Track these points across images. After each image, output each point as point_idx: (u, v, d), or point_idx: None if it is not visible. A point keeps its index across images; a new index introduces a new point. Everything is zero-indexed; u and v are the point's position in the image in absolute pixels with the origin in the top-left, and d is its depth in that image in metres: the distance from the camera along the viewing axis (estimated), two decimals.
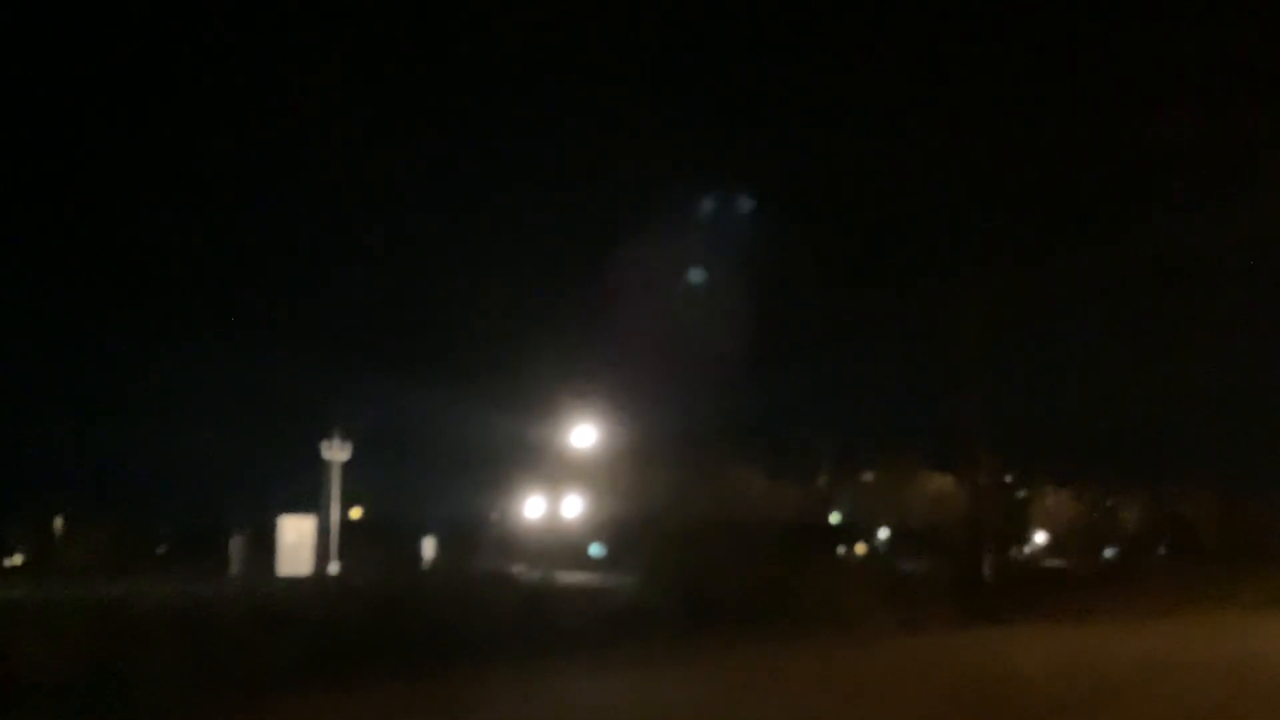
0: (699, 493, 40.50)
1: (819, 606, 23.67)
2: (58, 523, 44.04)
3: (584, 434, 42.08)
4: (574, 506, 43.58)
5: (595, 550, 43.45)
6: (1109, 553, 57.16)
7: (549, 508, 43.77)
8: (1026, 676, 16.75)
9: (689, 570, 25.04)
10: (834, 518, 53.37)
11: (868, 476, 55.62)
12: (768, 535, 32.21)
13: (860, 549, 51.59)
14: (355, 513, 43.67)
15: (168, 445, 47.84)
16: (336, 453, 42.21)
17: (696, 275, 41.51)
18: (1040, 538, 58.46)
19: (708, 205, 40.66)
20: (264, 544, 41.51)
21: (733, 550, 26.99)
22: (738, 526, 32.42)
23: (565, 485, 43.17)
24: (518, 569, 33.98)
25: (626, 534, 39.73)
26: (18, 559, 44.16)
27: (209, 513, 44.26)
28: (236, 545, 41.80)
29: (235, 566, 41.00)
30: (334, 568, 40.72)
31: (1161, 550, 55.87)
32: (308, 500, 42.56)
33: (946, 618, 24.31)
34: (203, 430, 46.83)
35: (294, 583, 35.50)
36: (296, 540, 41.66)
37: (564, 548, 40.87)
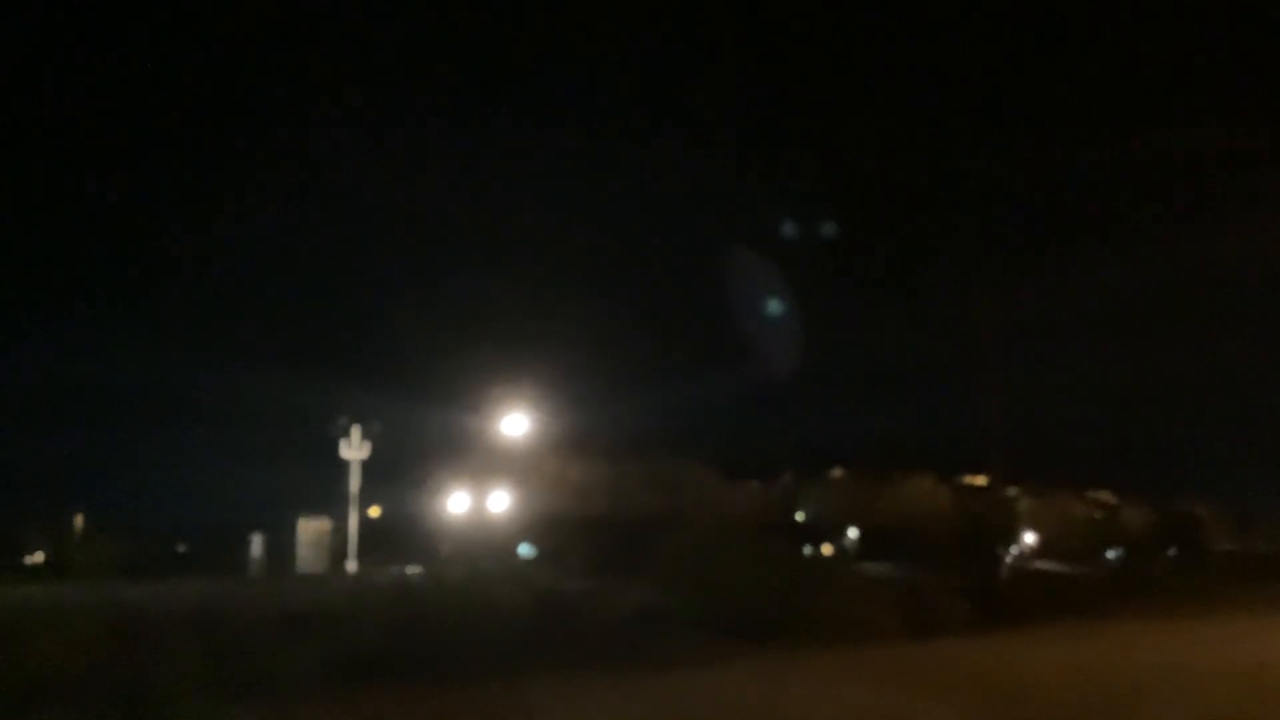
0: (648, 490, 37.78)
1: (829, 610, 23.24)
2: (78, 521, 43.74)
3: (515, 422, 38.96)
4: (501, 502, 39.43)
5: (524, 550, 38.86)
6: (1112, 555, 56.00)
7: (474, 503, 39.81)
8: (1050, 680, 16.51)
9: (704, 576, 24.58)
10: (798, 516, 49.75)
11: (836, 474, 52.44)
12: (730, 535, 30.57)
13: (826, 549, 48.11)
14: (374, 511, 43.26)
15: (187, 444, 47.72)
16: (354, 452, 41.82)
17: (775, 306, 39.90)
18: (1029, 538, 56.17)
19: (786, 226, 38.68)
20: (282, 543, 41.31)
21: (701, 550, 26.25)
22: (696, 525, 30.83)
23: (493, 478, 39.25)
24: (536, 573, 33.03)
25: (561, 532, 36.13)
26: (38, 556, 43.90)
27: (228, 512, 44.00)
28: (255, 544, 41.59)
29: (254, 566, 40.81)
30: (351, 566, 40.39)
31: (1171, 553, 54.71)
32: (326, 498, 42.28)
33: (961, 621, 24.00)
34: (221, 429, 46.66)
35: (313, 582, 35.25)
36: (314, 540, 41.46)
37: (489, 546, 37.21)
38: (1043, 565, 44.55)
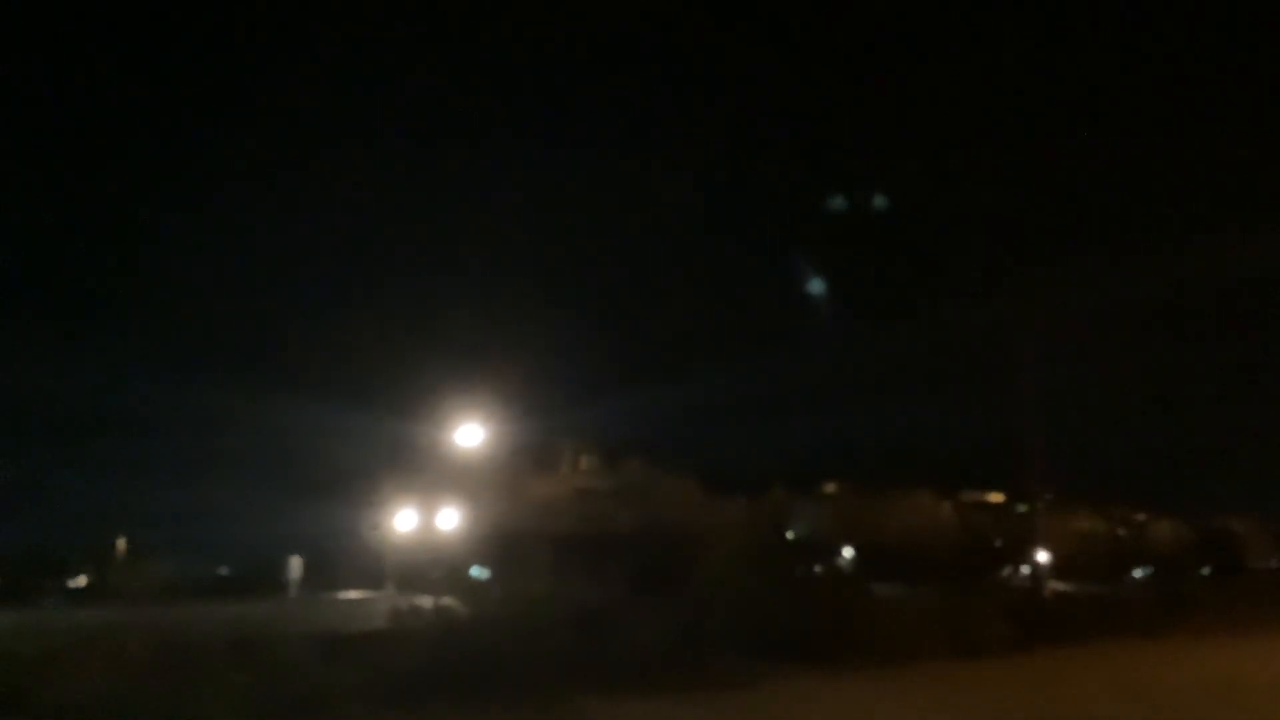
0: (621, 504, 34.72)
1: (867, 632, 22.51)
2: (120, 545, 43.72)
3: (470, 432, 35.23)
4: (451, 519, 36.05)
5: (477, 572, 34.92)
6: (1139, 573, 54.24)
7: (423, 520, 36.77)
8: (1106, 699, 15.98)
9: (743, 596, 23.81)
10: (789, 534, 45.31)
11: (830, 488, 49.28)
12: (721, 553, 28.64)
13: (819, 569, 43.00)
14: None
15: (228, 469, 47.60)
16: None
17: (817, 286, 37.47)
18: (1043, 557, 52.93)
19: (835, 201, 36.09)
20: (322, 566, 41.12)
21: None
22: (679, 543, 29.01)
23: (444, 493, 35.96)
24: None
25: (521, 552, 30.50)
26: (82, 580, 43.94)
27: (268, 535, 43.87)
28: (294, 567, 41.36)
29: (293, 589, 40.57)
30: (389, 590, 39.83)
31: (1205, 571, 53.11)
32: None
33: (1004, 641, 23.33)
34: (261, 455, 46.51)
35: (353, 604, 34.84)
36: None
37: (440, 567, 34.14)
38: (1060, 585, 42.74)
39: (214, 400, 44.59)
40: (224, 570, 44.81)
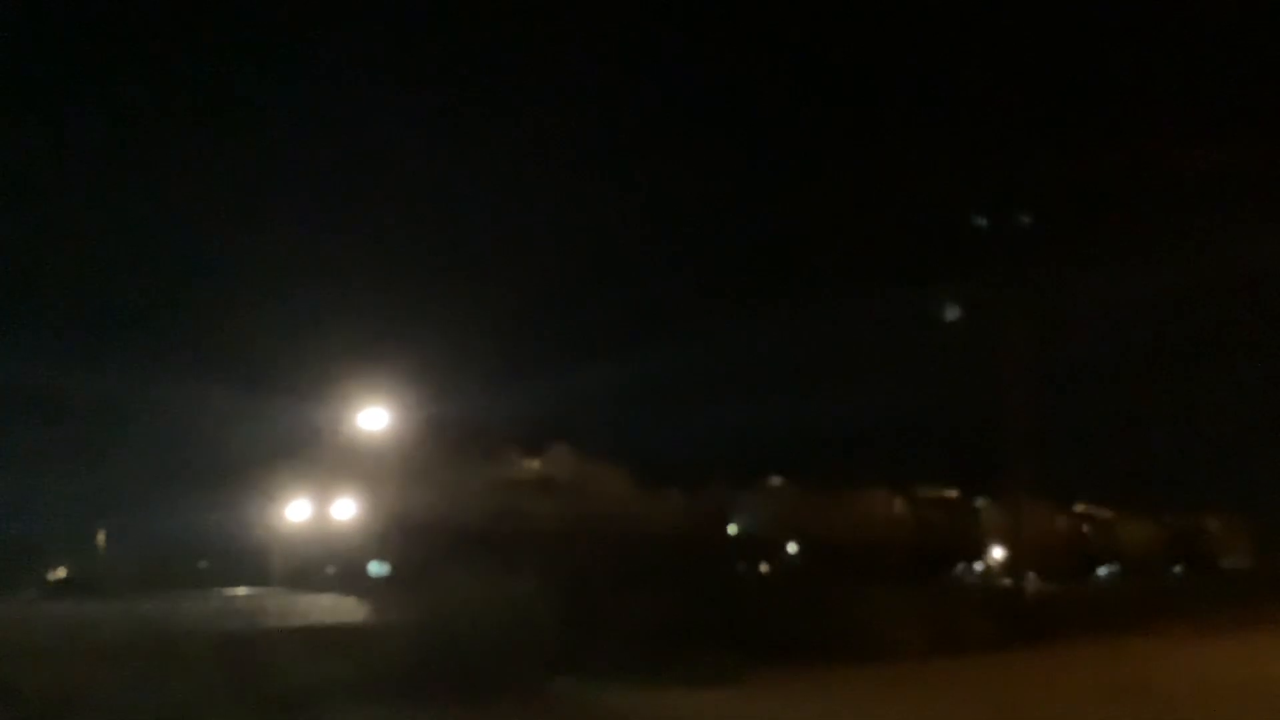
0: (542, 496, 32.73)
1: (845, 628, 22.21)
2: (100, 537, 43.15)
3: (374, 416, 32.66)
4: (348, 509, 33.71)
5: (376, 568, 32.83)
6: (1104, 572, 53.82)
7: (317, 511, 34.46)
8: (1093, 697, 15.84)
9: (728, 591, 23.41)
10: (731, 529, 43.84)
11: (774, 482, 46.41)
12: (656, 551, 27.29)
13: (764, 567, 42.93)
14: None
15: (208, 459, 46.82)
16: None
17: (952, 312, 35.36)
18: (997, 554, 51.61)
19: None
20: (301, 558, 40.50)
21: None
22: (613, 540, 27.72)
23: (342, 482, 33.49)
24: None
25: (426, 546, 29.35)
26: (61, 572, 43.32)
27: (248, 527, 43.24)
28: (274, 560, 40.85)
29: (274, 580, 40.07)
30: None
31: (1176, 570, 53.13)
32: None
33: (984, 639, 23.19)
34: (242, 445, 45.76)
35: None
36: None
37: (336, 562, 32.61)
38: (1035, 584, 42.02)
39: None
40: (203, 564, 44.21)
